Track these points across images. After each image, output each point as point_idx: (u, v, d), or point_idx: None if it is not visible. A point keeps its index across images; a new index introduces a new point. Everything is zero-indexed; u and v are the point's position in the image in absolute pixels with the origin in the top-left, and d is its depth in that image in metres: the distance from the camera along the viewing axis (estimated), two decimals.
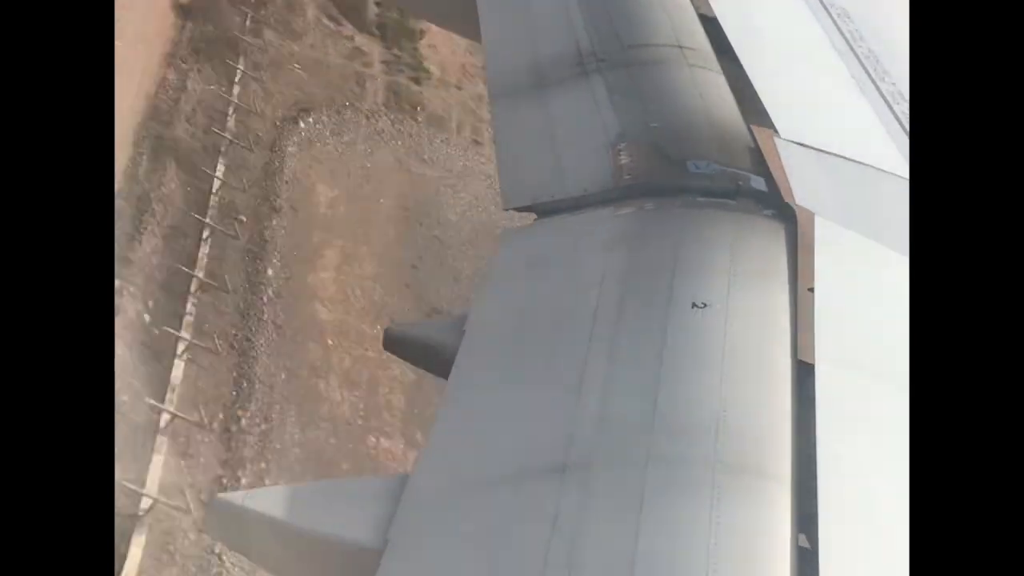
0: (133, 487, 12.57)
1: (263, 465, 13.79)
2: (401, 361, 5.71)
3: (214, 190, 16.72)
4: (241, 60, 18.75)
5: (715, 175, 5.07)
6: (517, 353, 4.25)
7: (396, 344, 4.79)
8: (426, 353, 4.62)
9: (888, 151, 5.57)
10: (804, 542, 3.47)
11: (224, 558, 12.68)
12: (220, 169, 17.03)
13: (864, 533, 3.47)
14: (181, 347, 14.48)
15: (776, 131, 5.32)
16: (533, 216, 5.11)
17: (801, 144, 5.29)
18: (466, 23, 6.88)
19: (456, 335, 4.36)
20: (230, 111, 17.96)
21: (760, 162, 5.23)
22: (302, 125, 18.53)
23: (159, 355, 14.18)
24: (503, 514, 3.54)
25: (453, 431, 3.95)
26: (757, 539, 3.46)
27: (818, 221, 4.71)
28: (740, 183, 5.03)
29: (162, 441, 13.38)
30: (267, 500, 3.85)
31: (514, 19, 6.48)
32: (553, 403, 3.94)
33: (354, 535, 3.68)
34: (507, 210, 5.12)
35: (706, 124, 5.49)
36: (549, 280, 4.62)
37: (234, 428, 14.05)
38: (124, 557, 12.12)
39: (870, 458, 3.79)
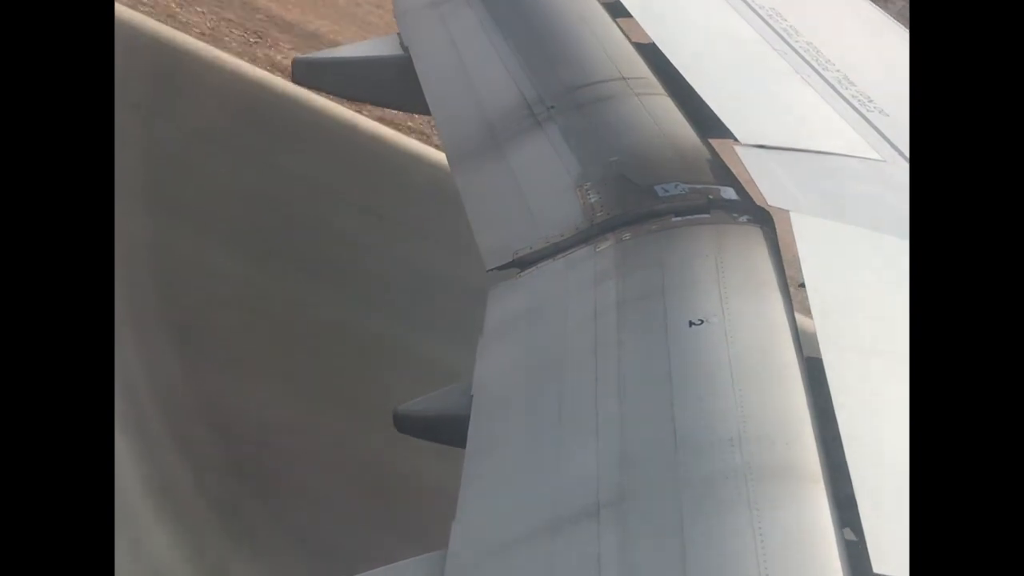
0: None
1: None
2: None
3: None
4: None
5: (685, 194, 5.10)
6: (528, 406, 4.24)
7: (407, 424, 4.78)
8: (439, 426, 4.62)
9: (846, 134, 5.63)
10: (850, 535, 3.46)
11: None
12: None
13: (906, 515, 3.45)
14: None
15: (735, 139, 5.38)
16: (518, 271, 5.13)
17: (761, 146, 5.34)
18: (409, 101, 6.95)
19: (465, 401, 4.36)
20: None
21: (726, 173, 5.28)
22: None
23: None
24: (547, 566, 3.52)
25: (481, 496, 3.93)
26: (803, 539, 3.44)
27: (793, 217, 4.74)
28: (711, 196, 5.06)
29: None
30: None
31: (458, 86, 6.54)
32: (573, 448, 3.92)
33: None
34: (490, 271, 5.14)
35: (665, 147, 5.54)
36: (544, 328, 4.62)
37: None
38: None
39: (897, 439, 3.79)
